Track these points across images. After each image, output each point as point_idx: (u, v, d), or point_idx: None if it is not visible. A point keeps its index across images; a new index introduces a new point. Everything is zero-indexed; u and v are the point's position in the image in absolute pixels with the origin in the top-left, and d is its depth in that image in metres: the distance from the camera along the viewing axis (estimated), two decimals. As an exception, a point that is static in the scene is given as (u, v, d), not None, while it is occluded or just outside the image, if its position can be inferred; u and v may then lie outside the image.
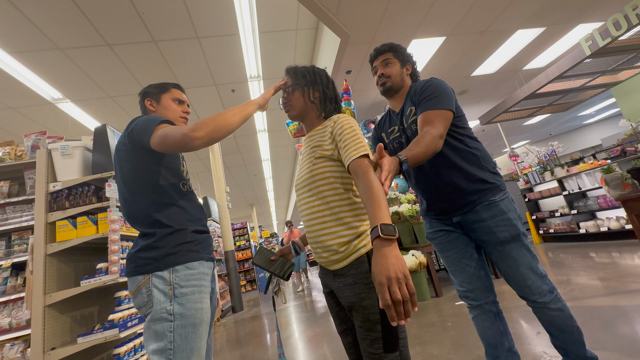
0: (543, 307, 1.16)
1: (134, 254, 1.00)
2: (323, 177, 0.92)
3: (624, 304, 2.09)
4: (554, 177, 5.24)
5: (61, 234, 2.03)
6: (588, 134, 11.90)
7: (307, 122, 1.06)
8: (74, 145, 2.21)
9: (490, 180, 1.21)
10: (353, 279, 0.86)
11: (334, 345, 2.62)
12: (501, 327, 1.26)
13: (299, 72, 1.05)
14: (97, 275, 1.99)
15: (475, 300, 1.27)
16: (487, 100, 7.26)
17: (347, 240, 0.88)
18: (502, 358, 1.24)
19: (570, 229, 5.08)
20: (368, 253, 0.86)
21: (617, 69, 5.09)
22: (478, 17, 4.07)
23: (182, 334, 0.93)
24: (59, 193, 2.12)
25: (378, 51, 1.35)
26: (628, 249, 3.74)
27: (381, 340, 0.81)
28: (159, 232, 1.00)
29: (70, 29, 3.28)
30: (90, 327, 2.14)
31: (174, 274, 0.97)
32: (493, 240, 1.18)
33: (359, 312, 0.84)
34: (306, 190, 0.96)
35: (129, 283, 1.00)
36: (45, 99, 4.24)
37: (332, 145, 0.93)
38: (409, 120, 1.25)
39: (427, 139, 1.01)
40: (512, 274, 1.17)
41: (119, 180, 1.09)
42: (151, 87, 1.27)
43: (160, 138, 0.96)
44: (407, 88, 1.33)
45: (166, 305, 0.94)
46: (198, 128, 0.91)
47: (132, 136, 1.04)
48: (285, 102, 1.06)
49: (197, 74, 4.46)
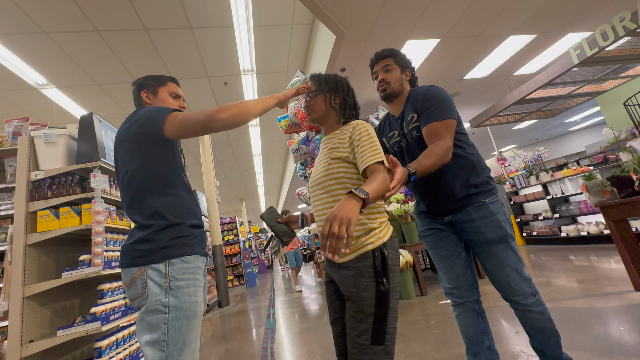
0: (525, 309, 1.21)
1: (130, 246, 1.00)
2: (337, 176, 0.99)
3: (599, 306, 2.17)
4: (538, 182, 5.38)
5: (43, 224, 1.97)
6: (573, 141, 12.24)
7: (327, 126, 1.13)
8: (58, 134, 2.14)
9: (482, 184, 1.26)
10: (356, 271, 0.91)
11: (320, 341, 2.64)
12: (483, 325, 1.30)
13: (322, 79, 1.13)
14: (79, 267, 1.95)
15: (459, 298, 1.31)
16: (478, 103, 7.37)
17: (356, 235, 0.93)
18: (482, 355, 1.29)
19: (552, 232, 5.23)
20: (374, 250, 0.92)
21: (602, 78, 5.24)
22: (472, 22, 4.12)
23: (175, 327, 0.94)
24: (41, 182, 2.05)
25: (379, 56, 1.36)
26: (605, 253, 3.88)
27: (370, 332, 0.86)
28: (157, 224, 1.01)
29: (56, 12, 3.16)
30: (71, 319, 2.10)
31: (170, 267, 0.98)
32: (481, 240, 1.22)
33: (355, 302, 0.89)
34: (320, 188, 1.03)
35: (123, 274, 1.00)
36: (29, 84, 4.09)
37: (349, 149, 1.00)
38: (410, 127, 1.30)
39: (437, 153, 1.08)
40: (497, 274, 1.22)
41: (120, 170, 1.09)
42: (148, 79, 1.27)
43: (179, 122, 1.01)
44: (407, 93, 1.36)
45: (161, 297, 0.95)
46: (222, 111, 0.99)
47: (140, 125, 1.05)
48: (307, 105, 1.13)
49: (189, 65, 4.38)
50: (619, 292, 2.38)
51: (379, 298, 0.88)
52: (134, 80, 1.31)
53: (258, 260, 12.38)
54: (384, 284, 0.89)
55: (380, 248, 0.92)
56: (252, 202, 14.89)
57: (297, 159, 3.61)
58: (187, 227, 1.06)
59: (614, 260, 3.42)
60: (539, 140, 12.81)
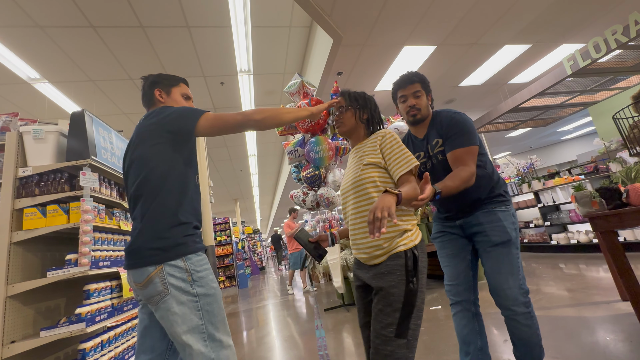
0: (514, 317, 1.26)
1: (139, 245, 1.03)
2: (370, 180, 1.06)
3: (587, 315, 2.19)
4: (530, 190, 5.44)
5: (29, 222, 1.93)
6: (565, 150, 12.43)
7: (354, 138, 1.23)
8: (48, 130, 2.10)
9: (497, 196, 1.37)
10: (388, 269, 0.99)
11: (310, 345, 2.63)
12: (477, 327, 1.37)
13: (352, 96, 1.22)
14: (65, 266, 1.91)
15: (457, 296, 1.39)
16: (473, 110, 7.45)
17: (390, 237, 1.01)
18: (473, 355, 1.34)
19: (543, 240, 5.29)
20: (406, 251, 0.99)
21: (595, 89, 5.33)
22: (468, 30, 4.16)
23: (209, 310, 1.04)
24: (28, 179, 2.01)
25: (408, 80, 1.40)
26: (594, 262, 3.94)
27: (395, 325, 0.93)
28: (168, 222, 1.05)
29: (51, 6, 3.12)
30: (56, 320, 2.05)
31: (188, 261, 1.05)
32: (486, 241, 1.32)
33: (384, 296, 0.96)
34: (352, 193, 1.10)
35: (136, 274, 1.03)
36: (21, 78, 4.03)
37: (380, 156, 1.08)
38: (435, 150, 1.39)
39: (462, 177, 1.17)
40: (494, 275, 1.29)
41: (138, 165, 1.10)
42: (161, 78, 1.29)
43: (213, 119, 1.10)
44: (430, 117, 1.44)
45: (189, 289, 1.02)
46: (257, 113, 1.11)
47: (170, 122, 1.10)
48: (337, 119, 1.23)
49: (185, 64, 4.36)
50: (606, 301, 2.41)
51: (407, 295, 0.95)
52: (145, 76, 1.32)
53: (251, 261, 12.31)
54: (413, 283, 0.97)
55: (412, 249, 1.00)
56: (246, 202, 14.81)
57: (292, 161, 3.60)
58: (192, 227, 1.12)
59: (602, 269, 3.47)
60: (532, 148, 12.98)
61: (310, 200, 3.12)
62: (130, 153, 1.14)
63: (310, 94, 3.03)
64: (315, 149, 2.82)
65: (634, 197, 1.54)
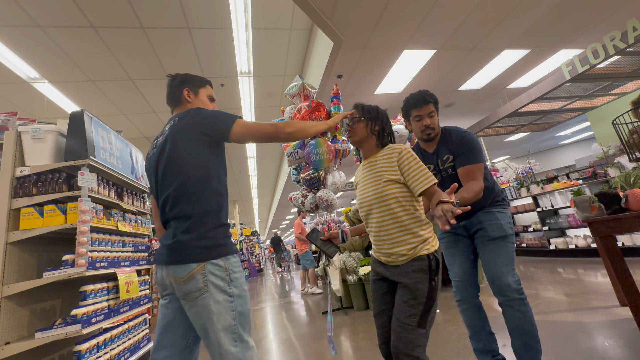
0: (508, 303, 1.42)
1: (184, 242, 1.06)
2: (393, 196, 1.15)
3: (586, 321, 2.19)
4: (529, 194, 5.45)
5: (26, 222, 1.91)
6: (563, 154, 12.47)
7: (366, 148, 1.31)
8: (46, 129, 2.10)
9: (496, 202, 1.59)
10: (412, 269, 1.11)
11: (307, 349, 2.61)
12: (483, 315, 1.59)
13: (365, 108, 1.31)
14: (62, 267, 1.90)
15: (465, 291, 1.58)
16: (472, 114, 7.47)
17: (414, 245, 1.13)
18: (484, 338, 1.57)
19: (542, 245, 5.29)
20: (429, 255, 1.11)
21: (593, 94, 5.36)
22: (468, 34, 4.18)
23: (240, 311, 1.08)
24: (26, 178, 2.00)
25: (423, 101, 1.52)
26: (592, 267, 3.94)
27: (418, 317, 1.06)
28: (211, 223, 1.10)
29: (51, 6, 3.12)
30: (51, 321, 2.03)
31: (227, 261, 1.09)
32: (485, 236, 1.51)
33: (410, 291, 1.09)
34: (376, 207, 1.19)
35: (178, 270, 1.05)
36: (21, 77, 4.02)
37: (398, 172, 1.17)
38: (445, 165, 1.56)
39: (475, 190, 1.33)
40: (491, 265, 1.47)
41: (177, 166, 1.12)
42: (190, 78, 1.32)
43: (246, 128, 1.15)
44: (440, 133, 1.60)
45: (227, 289, 1.07)
46: (287, 126, 1.18)
47: (207, 125, 1.14)
48: (349, 129, 1.31)
49: (185, 65, 4.35)
50: (604, 306, 2.40)
51: (430, 291, 1.08)
52: (172, 74, 1.35)
53: (249, 263, 12.26)
54: (435, 281, 1.10)
55: (433, 254, 1.12)
56: (245, 204, 14.78)
57: (292, 163, 3.59)
58: (229, 229, 1.18)
59: (601, 274, 3.47)
60: (531, 152, 13.02)
61: (309, 202, 3.11)
62: (167, 153, 1.14)
63: (311, 97, 3.04)
64: (315, 151, 2.81)
65: (633, 202, 1.54)
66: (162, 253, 1.10)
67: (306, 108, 2.78)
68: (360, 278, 3.56)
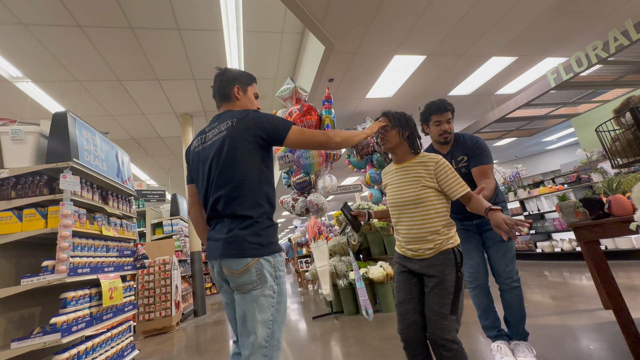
0: (510, 289, 1.75)
1: (241, 237, 1.11)
2: (429, 201, 1.29)
3: (571, 324, 2.22)
4: (516, 198, 5.55)
5: (3, 227, 1.83)
6: (549, 159, 12.77)
7: (398, 153, 1.41)
8: (27, 130, 2.03)
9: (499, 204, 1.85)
10: (440, 261, 1.25)
11: (299, 355, 2.57)
12: (491, 298, 1.87)
13: (395, 117, 1.41)
14: (41, 273, 1.82)
15: (478, 280, 1.84)
16: (461, 119, 7.60)
17: (440, 242, 1.27)
18: (491, 317, 1.85)
19: (529, 248, 5.39)
20: (454, 249, 1.26)
21: (577, 102, 5.51)
22: (457, 41, 4.26)
23: (278, 309, 1.13)
24: (4, 181, 1.92)
25: (444, 109, 1.74)
26: (577, 270, 4.02)
27: (450, 305, 1.19)
28: (265, 222, 1.17)
29: (36, 4, 3.04)
30: (29, 330, 1.95)
31: (275, 259, 1.16)
32: (495, 237, 1.77)
33: (440, 282, 1.22)
34: (411, 209, 1.31)
35: (234, 263, 1.11)
36: (2, 76, 3.90)
37: (435, 180, 1.30)
38: (459, 165, 1.80)
39: (492, 187, 1.60)
40: (500, 260, 1.76)
41: (234, 168, 1.16)
42: (240, 74, 1.35)
43: (300, 134, 1.23)
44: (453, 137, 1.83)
45: (273, 284, 1.13)
46: (336, 136, 1.26)
47: (266, 130, 1.18)
48: (382, 137, 1.41)
49: (175, 66, 4.30)
50: (589, 309, 2.45)
51: (457, 281, 1.23)
52: (221, 68, 1.35)
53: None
54: (460, 272, 1.25)
55: (457, 247, 1.28)
56: (235, 207, 14.62)
57: (283, 167, 3.57)
58: (277, 228, 1.23)
59: (585, 277, 3.54)
60: (518, 157, 13.30)
61: (300, 206, 3.09)
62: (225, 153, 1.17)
63: (303, 100, 3.03)
64: (305, 155, 2.80)
65: (616, 207, 1.57)
66: (216, 247, 1.15)
67: (297, 111, 2.77)
68: (350, 283, 3.54)
